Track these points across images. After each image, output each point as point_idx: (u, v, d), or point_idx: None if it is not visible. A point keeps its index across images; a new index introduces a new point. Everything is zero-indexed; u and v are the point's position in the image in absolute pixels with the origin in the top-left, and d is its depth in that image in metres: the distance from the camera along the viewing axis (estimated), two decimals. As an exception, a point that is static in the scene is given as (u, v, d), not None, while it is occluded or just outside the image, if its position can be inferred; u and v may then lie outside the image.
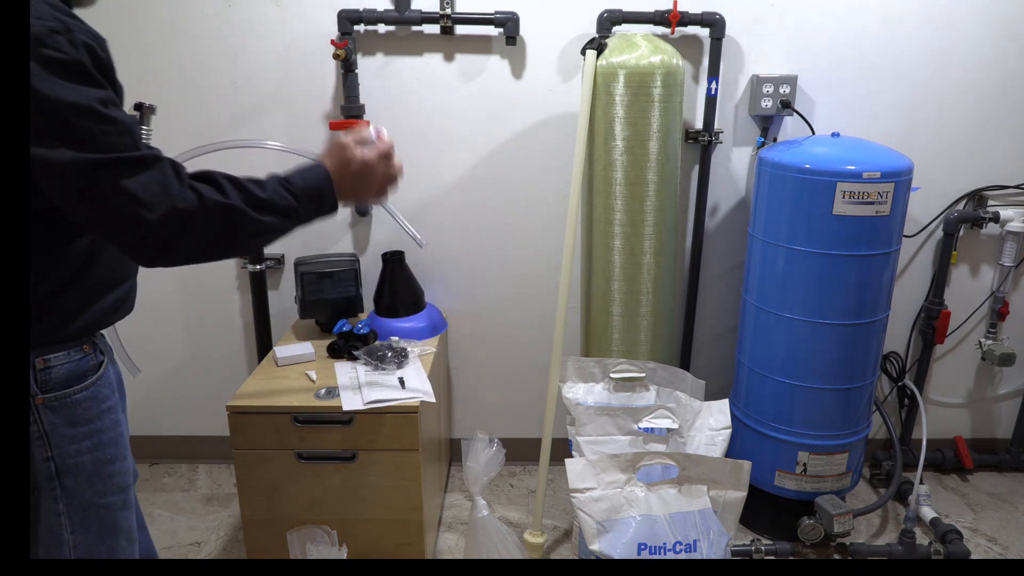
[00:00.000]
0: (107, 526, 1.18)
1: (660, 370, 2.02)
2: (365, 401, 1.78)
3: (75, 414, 1.10)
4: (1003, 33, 2.17)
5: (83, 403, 1.11)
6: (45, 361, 1.06)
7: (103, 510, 1.17)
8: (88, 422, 1.12)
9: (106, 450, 1.16)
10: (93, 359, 1.13)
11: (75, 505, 1.13)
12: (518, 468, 2.57)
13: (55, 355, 1.07)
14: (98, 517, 1.16)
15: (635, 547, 1.66)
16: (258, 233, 1.08)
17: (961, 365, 2.54)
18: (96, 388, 1.13)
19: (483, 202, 2.33)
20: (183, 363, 2.50)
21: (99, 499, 1.16)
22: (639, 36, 1.97)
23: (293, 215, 1.11)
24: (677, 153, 2.06)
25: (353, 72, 2.15)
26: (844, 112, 2.24)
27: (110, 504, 1.18)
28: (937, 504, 2.36)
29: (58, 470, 1.09)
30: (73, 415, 1.09)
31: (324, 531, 1.79)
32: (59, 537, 1.13)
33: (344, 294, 2.19)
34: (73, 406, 1.09)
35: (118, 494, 1.19)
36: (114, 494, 1.18)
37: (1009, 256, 2.33)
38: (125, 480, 1.21)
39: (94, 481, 1.14)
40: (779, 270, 1.98)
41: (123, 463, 1.21)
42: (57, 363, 1.08)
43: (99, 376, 1.14)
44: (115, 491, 1.19)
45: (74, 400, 1.09)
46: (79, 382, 1.10)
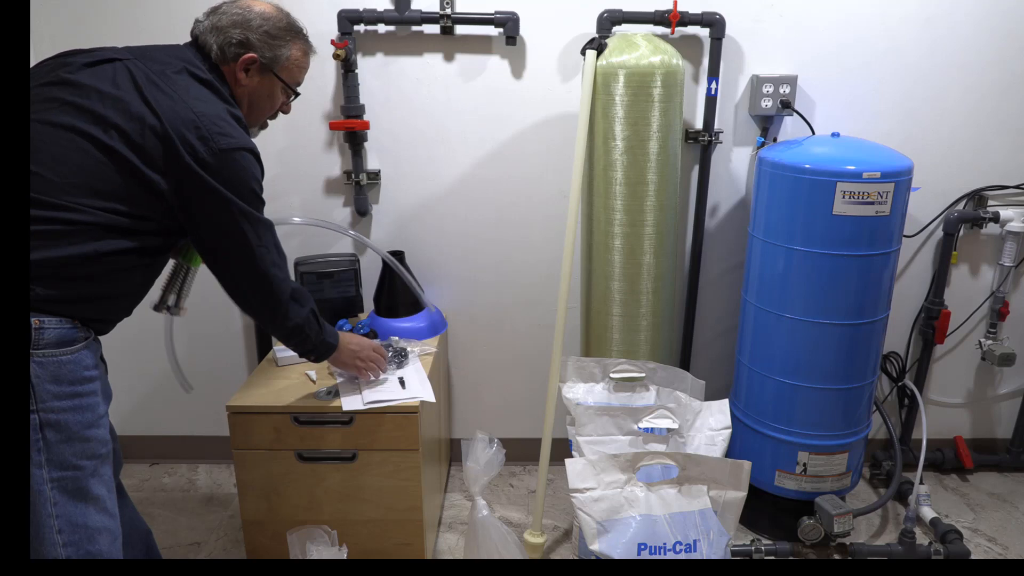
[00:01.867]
0: (80, 489, 1.27)
1: (660, 370, 2.02)
2: (365, 401, 1.78)
3: (60, 372, 1.22)
4: (1003, 33, 2.17)
5: (67, 364, 1.24)
6: (40, 322, 1.20)
7: (78, 472, 1.26)
8: (71, 383, 1.24)
9: (85, 413, 1.27)
10: (81, 332, 1.27)
11: (55, 462, 1.23)
12: (518, 468, 2.57)
13: (49, 319, 1.22)
14: (74, 479, 1.26)
15: (635, 547, 1.65)
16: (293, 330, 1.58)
17: (961, 365, 2.54)
18: (80, 355, 1.26)
19: (483, 202, 2.33)
20: (183, 363, 2.49)
21: (76, 460, 1.26)
22: (639, 36, 1.97)
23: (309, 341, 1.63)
24: (677, 153, 2.06)
25: (353, 72, 2.15)
26: (844, 112, 2.24)
27: (84, 467, 1.27)
28: (937, 504, 2.36)
29: (41, 423, 1.21)
30: (58, 373, 1.22)
31: (324, 531, 1.79)
32: (41, 493, 1.22)
33: (344, 294, 2.19)
34: (58, 365, 1.22)
35: (91, 459, 1.29)
36: (88, 459, 1.28)
37: (1009, 256, 2.33)
38: (100, 449, 1.31)
39: (73, 441, 1.25)
40: (779, 270, 1.98)
41: (99, 430, 1.31)
42: (50, 326, 1.21)
43: (84, 346, 1.27)
44: (89, 456, 1.28)
45: (59, 360, 1.22)
46: (66, 346, 1.24)
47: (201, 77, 1.40)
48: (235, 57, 1.45)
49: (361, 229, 2.37)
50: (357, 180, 2.25)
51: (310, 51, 1.58)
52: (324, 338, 1.64)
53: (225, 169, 1.34)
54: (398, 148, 2.28)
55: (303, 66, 1.57)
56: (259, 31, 1.45)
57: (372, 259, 2.35)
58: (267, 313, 1.52)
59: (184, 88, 1.34)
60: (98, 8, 2.13)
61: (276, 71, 1.50)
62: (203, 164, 1.31)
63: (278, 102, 1.56)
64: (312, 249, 2.35)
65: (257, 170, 1.42)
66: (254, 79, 1.48)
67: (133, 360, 2.47)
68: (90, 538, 1.28)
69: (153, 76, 1.33)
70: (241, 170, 1.37)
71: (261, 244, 1.43)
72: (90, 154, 1.25)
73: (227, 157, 1.33)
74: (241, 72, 1.46)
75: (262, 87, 1.50)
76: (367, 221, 2.36)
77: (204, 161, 1.31)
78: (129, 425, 2.57)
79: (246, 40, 1.44)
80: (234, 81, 1.47)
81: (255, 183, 1.41)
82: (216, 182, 1.33)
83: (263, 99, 1.52)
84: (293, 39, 1.51)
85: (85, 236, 1.24)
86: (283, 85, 1.53)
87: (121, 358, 2.45)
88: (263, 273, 1.45)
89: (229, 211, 1.37)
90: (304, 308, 1.56)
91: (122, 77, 1.31)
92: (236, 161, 1.35)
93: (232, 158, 1.34)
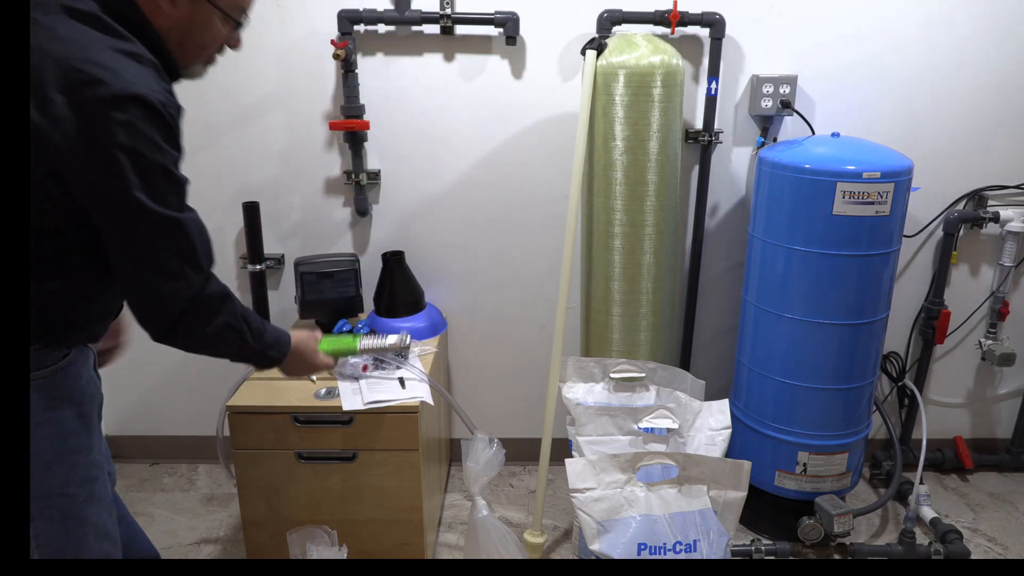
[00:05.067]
0: (71, 517, 1.18)
1: (660, 370, 2.02)
2: (365, 401, 1.78)
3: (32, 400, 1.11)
4: (1003, 33, 2.17)
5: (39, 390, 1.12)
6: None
7: (65, 500, 1.17)
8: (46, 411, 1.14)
9: (67, 441, 1.17)
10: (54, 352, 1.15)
11: (36, 494, 1.14)
12: (518, 468, 2.57)
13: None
14: (60, 507, 1.17)
15: (635, 547, 1.66)
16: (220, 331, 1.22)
17: (961, 365, 2.54)
18: (52, 379, 1.14)
19: (483, 202, 2.33)
20: (183, 363, 2.50)
21: (61, 488, 1.16)
22: (639, 36, 1.97)
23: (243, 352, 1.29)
24: (677, 153, 2.06)
25: (353, 72, 2.15)
26: (844, 112, 2.24)
27: (74, 495, 1.18)
28: (937, 504, 2.36)
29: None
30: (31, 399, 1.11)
31: (324, 531, 1.79)
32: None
33: (344, 294, 2.19)
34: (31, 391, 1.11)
35: (83, 486, 1.19)
36: (78, 485, 1.19)
37: (1009, 256, 2.33)
38: (90, 473, 1.21)
39: (55, 470, 1.15)
40: (779, 270, 1.98)
41: (88, 456, 1.21)
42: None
43: (57, 369, 1.15)
44: (79, 483, 1.19)
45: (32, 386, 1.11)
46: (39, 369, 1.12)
47: (81, 10, 1.05)
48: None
49: (361, 229, 2.37)
50: (357, 180, 2.25)
51: None
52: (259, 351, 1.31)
53: (96, 129, 1.00)
54: (398, 148, 2.28)
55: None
56: None
57: (372, 259, 2.35)
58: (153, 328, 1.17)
59: (47, 30, 1.01)
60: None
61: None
62: (62, 125, 0.98)
63: (219, 34, 1.23)
64: (312, 249, 2.35)
65: (154, 127, 1.04)
66: (182, 7, 1.15)
67: (133, 360, 2.47)
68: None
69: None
70: (122, 130, 1.00)
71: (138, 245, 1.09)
72: None
73: (97, 111, 0.99)
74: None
75: (193, 17, 1.17)
76: (367, 221, 2.36)
77: (64, 120, 0.98)
78: (129, 425, 2.57)
79: None
80: (155, 9, 1.13)
81: (147, 147, 1.04)
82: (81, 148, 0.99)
83: (197, 31, 1.19)
84: None
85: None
86: (221, 14, 1.19)
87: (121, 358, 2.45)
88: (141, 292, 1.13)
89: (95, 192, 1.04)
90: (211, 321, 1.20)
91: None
92: (112, 118, 1.00)
93: (106, 114, 0.99)
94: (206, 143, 2.23)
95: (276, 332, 1.35)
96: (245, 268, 2.28)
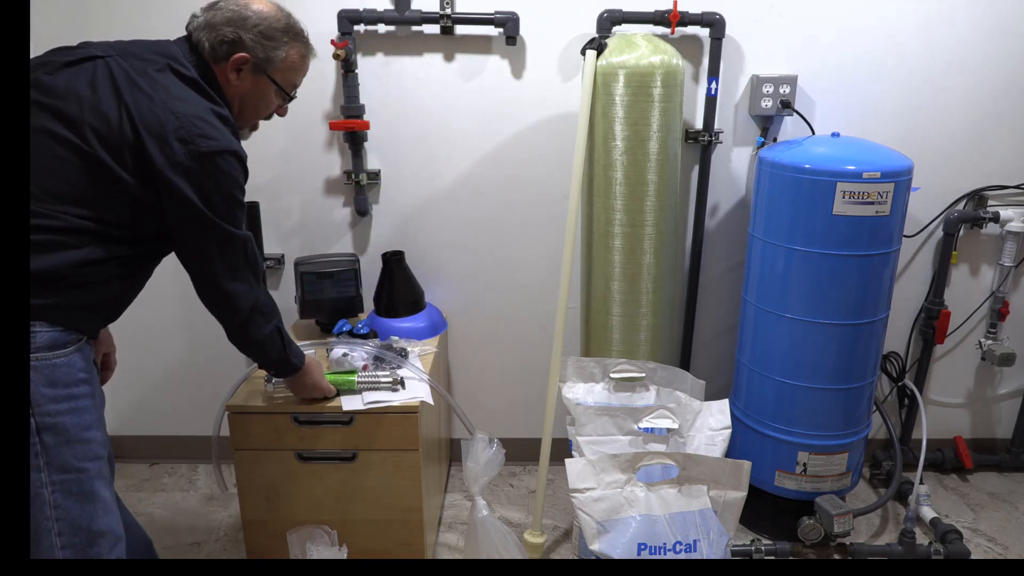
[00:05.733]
0: (86, 492, 1.27)
1: (660, 370, 2.02)
2: (365, 401, 1.78)
3: (54, 376, 1.22)
4: (1003, 32, 2.17)
5: (61, 367, 1.23)
6: (32, 326, 1.20)
7: (81, 474, 1.26)
8: (66, 386, 1.24)
9: (82, 415, 1.27)
10: (73, 335, 1.27)
11: (55, 465, 1.22)
12: (518, 468, 2.57)
13: (40, 324, 1.21)
14: (77, 481, 1.25)
15: (635, 547, 1.66)
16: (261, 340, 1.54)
17: (961, 365, 2.54)
18: (72, 358, 1.26)
19: (483, 202, 2.33)
20: (183, 363, 2.50)
21: (77, 462, 1.25)
22: (639, 36, 1.97)
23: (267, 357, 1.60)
24: (677, 153, 2.06)
25: (353, 72, 2.15)
26: (844, 112, 2.24)
27: (87, 469, 1.27)
28: (937, 504, 2.36)
29: (38, 427, 1.20)
30: (52, 376, 1.22)
31: (324, 531, 1.79)
32: (40, 496, 1.21)
33: (344, 294, 2.19)
34: (52, 368, 1.22)
35: (94, 461, 1.29)
36: (90, 460, 1.28)
37: (1009, 256, 2.33)
38: (100, 450, 1.31)
39: (72, 444, 1.25)
40: (779, 270, 1.98)
41: (98, 432, 1.31)
42: (42, 330, 1.21)
43: (76, 348, 1.27)
44: (92, 457, 1.28)
45: (53, 363, 1.22)
46: (59, 348, 1.23)
47: (185, 75, 1.33)
48: (226, 56, 1.38)
49: (361, 229, 2.37)
50: (357, 180, 2.25)
51: (309, 54, 1.52)
52: (288, 358, 1.62)
53: (203, 173, 1.29)
54: (398, 148, 2.28)
55: (300, 69, 1.50)
56: (254, 30, 1.38)
57: (372, 259, 2.35)
58: (225, 324, 1.49)
59: (164, 87, 1.29)
60: (102, 9, 2.13)
61: (270, 73, 1.43)
62: (179, 167, 1.26)
63: (272, 105, 1.50)
64: (312, 249, 2.35)
65: (240, 174, 1.36)
66: (246, 80, 1.42)
67: (133, 360, 2.47)
68: (91, 541, 1.27)
69: (133, 74, 1.27)
70: (221, 174, 1.31)
71: (223, 258, 1.39)
72: (64, 159, 1.22)
73: (207, 160, 1.28)
74: (232, 72, 1.40)
75: (255, 89, 1.44)
76: (367, 221, 2.36)
77: (181, 164, 1.26)
78: (129, 425, 2.57)
79: (239, 39, 1.37)
80: (225, 81, 1.41)
81: (235, 187, 1.36)
82: (189, 188, 1.28)
83: (255, 101, 1.46)
84: (291, 41, 1.44)
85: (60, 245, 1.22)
86: (277, 88, 1.47)
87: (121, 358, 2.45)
88: (221, 288, 1.41)
89: (196, 220, 1.32)
90: (268, 324, 1.52)
91: (101, 76, 1.26)
92: (216, 165, 1.30)
93: (213, 162, 1.29)
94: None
95: (296, 345, 1.67)
96: (245, 268, 2.28)
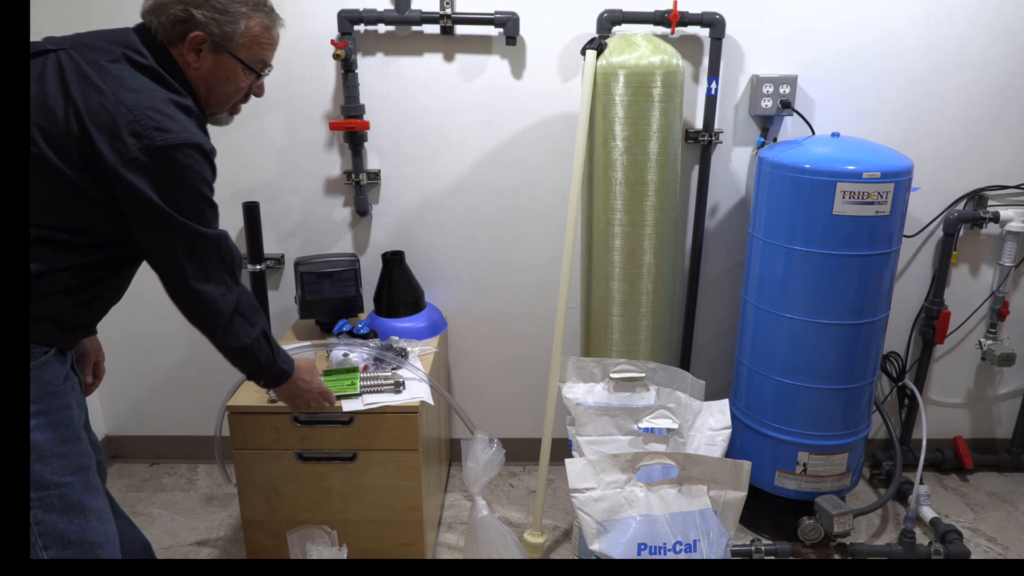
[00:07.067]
0: (72, 505, 1.22)
1: (660, 370, 2.02)
2: (365, 402, 1.78)
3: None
4: (1003, 32, 2.17)
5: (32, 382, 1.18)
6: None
7: (65, 489, 1.21)
8: (35, 401, 1.18)
9: (57, 430, 1.21)
10: (39, 348, 1.20)
11: (33, 483, 1.17)
12: (518, 468, 2.57)
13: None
14: (60, 496, 1.20)
15: (635, 547, 1.66)
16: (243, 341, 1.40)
17: (961, 365, 2.54)
18: (39, 372, 1.20)
19: (483, 202, 2.33)
20: (183, 363, 2.50)
21: (57, 477, 1.20)
22: (639, 36, 1.97)
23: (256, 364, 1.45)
24: (677, 153, 2.06)
25: (353, 72, 2.15)
26: (844, 112, 2.24)
27: (70, 483, 1.22)
28: (937, 504, 2.36)
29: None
30: None
31: (324, 531, 1.79)
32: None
33: (344, 294, 2.19)
34: None
35: (78, 474, 1.24)
36: (73, 474, 1.23)
37: (1009, 256, 2.33)
38: (84, 461, 1.26)
39: (48, 459, 1.19)
40: (779, 270, 1.98)
41: (79, 445, 1.25)
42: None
43: (42, 362, 1.21)
44: (74, 470, 1.23)
45: None
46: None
47: (143, 64, 1.22)
48: (181, 36, 1.26)
49: (361, 229, 2.37)
50: (357, 180, 2.25)
51: (275, 25, 1.37)
52: (276, 363, 1.48)
53: (162, 169, 1.18)
54: (398, 148, 2.28)
55: (266, 43, 1.36)
56: (205, 5, 1.26)
57: (372, 259, 2.35)
58: (207, 331, 1.36)
59: (118, 79, 1.18)
60: (104, 9, 2.13)
61: (231, 50, 1.30)
62: (133, 164, 1.16)
63: (243, 84, 1.36)
64: (312, 249, 2.35)
65: (204, 168, 1.25)
66: (207, 61, 1.29)
67: (133, 361, 2.47)
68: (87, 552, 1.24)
69: (85, 67, 1.17)
70: (182, 169, 1.20)
71: (192, 258, 1.27)
72: None
73: (165, 155, 1.17)
74: (191, 53, 1.27)
75: (218, 69, 1.31)
76: (367, 221, 2.36)
77: (135, 161, 1.16)
78: (129, 425, 2.57)
79: (190, 16, 1.25)
80: (185, 64, 1.28)
81: (199, 182, 1.24)
82: (147, 185, 1.17)
83: (222, 83, 1.33)
84: (250, 12, 1.31)
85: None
86: (243, 66, 1.33)
87: (121, 358, 2.45)
88: (192, 290, 1.29)
89: (157, 220, 1.21)
90: (253, 328, 1.40)
91: (50, 71, 1.17)
92: (175, 159, 1.19)
93: (171, 156, 1.18)
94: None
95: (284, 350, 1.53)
96: (245, 268, 2.28)
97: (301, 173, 2.30)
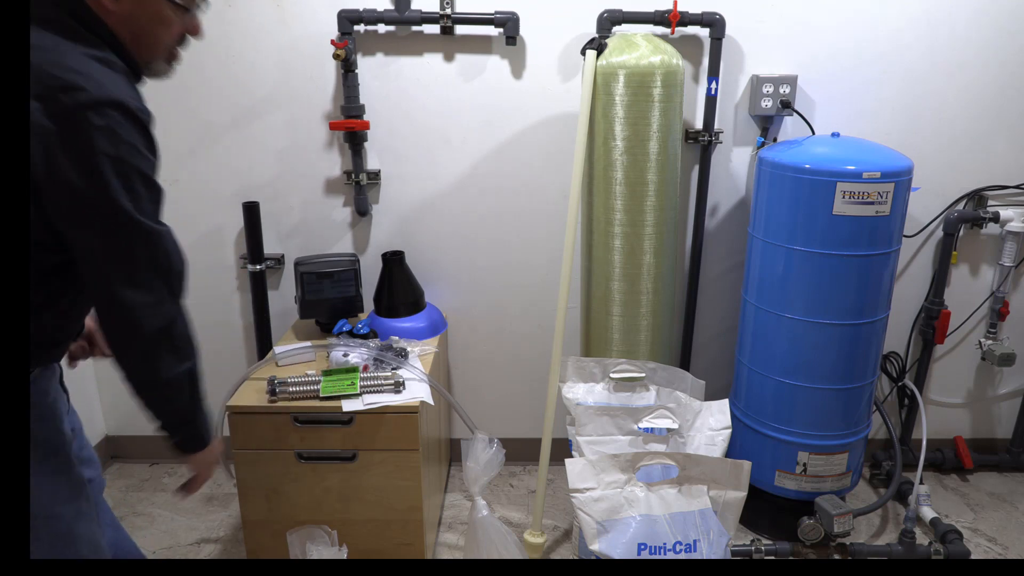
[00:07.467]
0: (61, 536, 1.16)
1: (660, 370, 2.02)
2: (365, 402, 1.78)
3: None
4: (1003, 32, 2.17)
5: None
6: None
7: (54, 520, 1.15)
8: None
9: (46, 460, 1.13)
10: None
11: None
12: (518, 468, 2.57)
13: None
14: (48, 527, 1.14)
15: (635, 547, 1.66)
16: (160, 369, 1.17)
17: (961, 365, 2.54)
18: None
19: (483, 202, 2.33)
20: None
21: (46, 510, 1.13)
22: (639, 36, 1.97)
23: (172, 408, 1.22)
24: (677, 153, 2.06)
25: (353, 72, 2.15)
26: (844, 112, 2.24)
27: (61, 514, 1.16)
28: (937, 504, 2.36)
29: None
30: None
31: (324, 531, 1.79)
32: None
33: (344, 294, 2.19)
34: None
35: (70, 503, 1.18)
36: (64, 504, 1.17)
37: (1009, 256, 2.33)
38: (75, 490, 1.19)
39: (36, 493, 1.12)
40: (779, 270, 1.98)
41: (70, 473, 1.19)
42: None
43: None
44: (64, 501, 1.17)
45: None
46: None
47: (49, 17, 1.04)
48: None
49: (361, 229, 2.37)
50: (357, 180, 2.25)
51: None
52: (195, 418, 1.25)
53: (74, 133, 0.99)
54: (398, 148, 2.28)
55: None
56: None
57: (372, 259, 2.35)
58: (118, 349, 1.14)
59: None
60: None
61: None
62: (38, 131, 0.97)
63: (172, 24, 1.16)
64: (312, 249, 2.35)
65: (130, 132, 1.04)
66: (125, 2, 1.10)
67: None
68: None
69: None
70: (100, 133, 1.00)
71: (116, 252, 1.06)
72: None
73: (77, 116, 0.98)
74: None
75: (140, 9, 1.11)
76: (367, 221, 2.36)
77: (39, 126, 0.97)
78: (129, 425, 2.57)
79: None
80: (103, 11, 1.09)
81: (126, 151, 1.03)
82: (59, 157, 0.98)
83: (149, 25, 1.13)
84: None
85: None
86: (169, 1, 1.14)
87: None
88: (109, 293, 1.08)
89: (71, 198, 1.01)
90: (179, 363, 1.17)
91: None
92: (89, 122, 0.99)
93: (84, 118, 0.99)
94: (206, 143, 2.24)
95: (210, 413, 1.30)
96: (245, 268, 2.28)
97: (301, 173, 2.30)
